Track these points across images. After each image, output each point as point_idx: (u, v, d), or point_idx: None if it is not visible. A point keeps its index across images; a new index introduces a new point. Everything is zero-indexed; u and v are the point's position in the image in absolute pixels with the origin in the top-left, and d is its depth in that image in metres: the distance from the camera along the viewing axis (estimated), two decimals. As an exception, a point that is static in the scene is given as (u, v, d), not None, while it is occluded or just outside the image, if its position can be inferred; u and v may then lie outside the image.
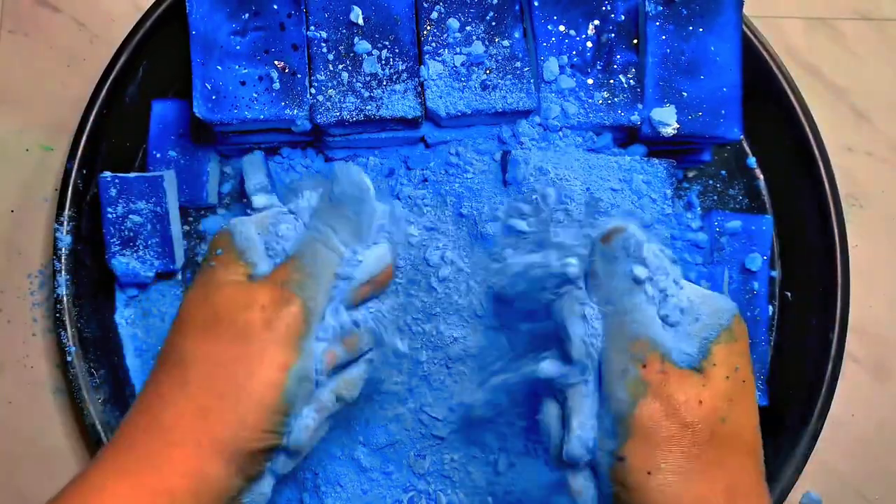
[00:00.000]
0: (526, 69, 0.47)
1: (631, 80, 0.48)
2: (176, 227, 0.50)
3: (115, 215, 0.48)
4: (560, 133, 0.48)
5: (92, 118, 0.50)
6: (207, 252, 0.39)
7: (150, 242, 0.49)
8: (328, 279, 0.37)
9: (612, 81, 0.48)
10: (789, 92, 0.52)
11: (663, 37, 0.48)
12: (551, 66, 0.47)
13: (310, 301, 0.36)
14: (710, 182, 0.55)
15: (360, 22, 0.47)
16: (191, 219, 0.53)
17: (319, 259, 0.37)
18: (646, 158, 0.47)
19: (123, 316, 0.52)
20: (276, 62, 0.46)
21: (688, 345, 0.35)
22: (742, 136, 0.48)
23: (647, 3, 0.48)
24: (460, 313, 0.47)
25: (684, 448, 0.32)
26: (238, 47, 0.46)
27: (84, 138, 0.50)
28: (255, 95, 0.46)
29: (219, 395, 0.34)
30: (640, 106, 0.48)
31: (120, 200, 0.48)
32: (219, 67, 0.46)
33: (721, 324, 0.36)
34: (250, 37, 0.47)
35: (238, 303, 0.35)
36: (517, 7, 0.48)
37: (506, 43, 0.48)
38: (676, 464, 0.32)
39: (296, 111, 0.46)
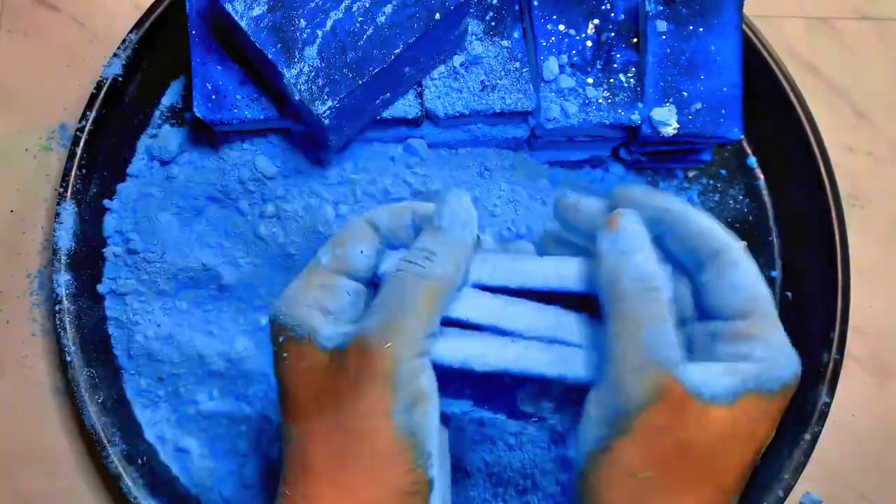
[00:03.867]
0: (525, 70, 0.47)
1: (631, 80, 0.48)
2: None
3: None
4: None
5: (91, 118, 0.50)
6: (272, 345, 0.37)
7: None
8: (423, 313, 0.33)
9: (612, 81, 0.48)
10: (789, 92, 0.52)
11: (663, 36, 0.48)
12: (551, 65, 0.47)
13: (396, 349, 0.32)
14: (710, 182, 0.55)
15: (360, 22, 0.47)
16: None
17: (409, 297, 0.33)
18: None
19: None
20: (275, 62, 0.46)
21: (716, 379, 0.30)
22: (742, 136, 0.48)
23: (647, 3, 0.48)
24: None
25: (669, 467, 0.30)
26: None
27: (84, 138, 0.50)
28: (255, 95, 0.46)
29: (341, 467, 0.32)
30: (640, 105, 0.48)
31: None
32: (219, 67, 0.46)
33: (779, 378, 0.31)
34: (250, 36, 0.46)
35: (314, 384, 0.34)
36: (517, 7, 0.48)
37: (505, 43, 0.47)
38: (657, 479, 0.30)
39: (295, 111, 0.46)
